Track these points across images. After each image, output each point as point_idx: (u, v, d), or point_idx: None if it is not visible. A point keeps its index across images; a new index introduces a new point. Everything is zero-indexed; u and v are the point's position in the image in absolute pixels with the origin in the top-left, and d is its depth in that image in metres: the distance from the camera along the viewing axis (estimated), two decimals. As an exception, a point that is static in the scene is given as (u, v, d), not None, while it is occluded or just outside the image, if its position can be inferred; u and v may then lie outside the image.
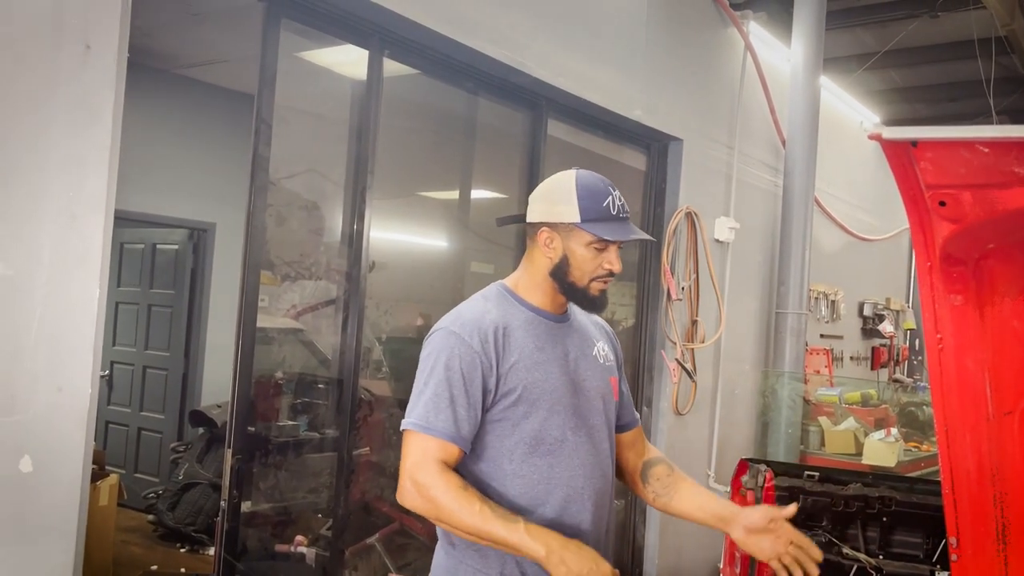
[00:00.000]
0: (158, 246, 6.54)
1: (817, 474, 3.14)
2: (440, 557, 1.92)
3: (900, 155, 0.98)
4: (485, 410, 1.82)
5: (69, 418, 2.07)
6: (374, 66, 3.10)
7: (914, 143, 0.95)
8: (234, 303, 5.18)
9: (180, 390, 6.43)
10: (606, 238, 1.85)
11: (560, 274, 1.89)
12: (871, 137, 0.95)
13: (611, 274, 1.91)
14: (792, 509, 1.85)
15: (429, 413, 1.75)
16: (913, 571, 2.90)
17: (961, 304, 1.11)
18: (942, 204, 1.04)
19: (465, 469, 1.84)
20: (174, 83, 5.91)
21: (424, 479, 1.73)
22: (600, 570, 1.73)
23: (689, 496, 2.04)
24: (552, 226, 1.88)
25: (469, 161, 3.82)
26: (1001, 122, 9.95)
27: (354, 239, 3.09)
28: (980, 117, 9.06)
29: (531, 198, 1.96)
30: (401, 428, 1.80)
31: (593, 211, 1.86)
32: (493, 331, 1.81)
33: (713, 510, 1.99)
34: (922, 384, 7.00)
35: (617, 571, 1.78)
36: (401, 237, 3.57)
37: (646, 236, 1.99)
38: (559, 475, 1.84)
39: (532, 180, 3.80)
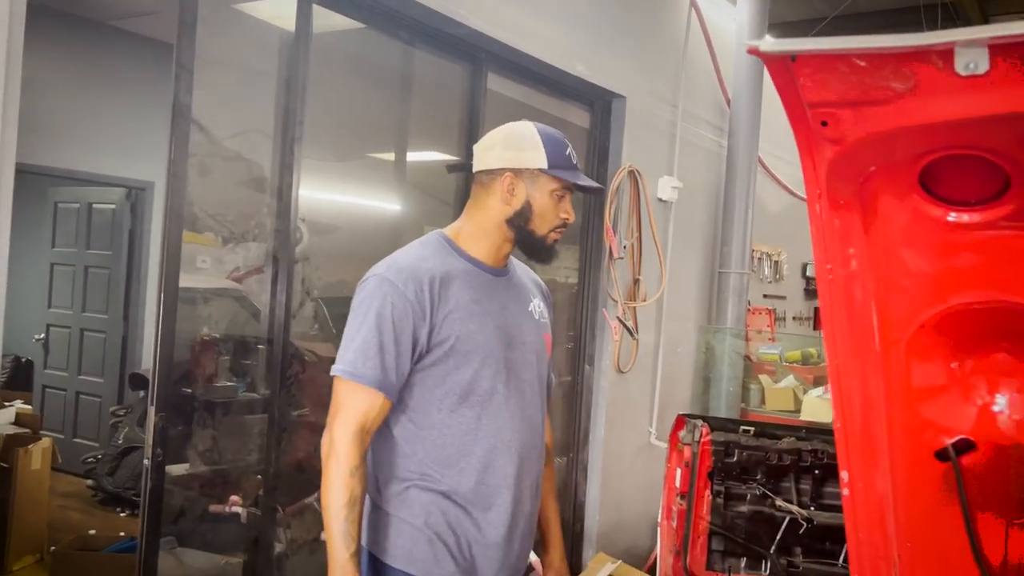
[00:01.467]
0: (94, 206, 6.36)
1: (752, 429, 3.19)
2: (367, 508, 1.90)
3: (781, 72, 0.96)
4: (416, 360, 1.80)
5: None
6: (303, 14, 3.00)
7: (793, 57, 0.92)
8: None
9: (120, 353, 6.31)
10: (579, 183, 1.87)
11: (520, 222, 1.88)
12: (750, 51, 0.92)
13: (565, 224, 1.92)
14: None
15: (358, 360, 1.74)
16: (842, 521, 2.96)
17: (848, 232, 1.10)
18: (824, 124, 1.02)
19: (394, 418, 1.84)
20: (112, 37, 5.72)
21: (335, 437, 1.75)
22: None
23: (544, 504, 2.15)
24: (516, 172, 1.87)
25: (405, 118, 3.73)
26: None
27: (283, 193, 3.01)
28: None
29: (485, 145, 1.93)
30: (331, 374, 1.78)
31: (557, 159, 1.86)
32: (429, 280, 1.79)
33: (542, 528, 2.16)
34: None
35: None
36: (335, 196, 3.49)
37: (599, 185, 2.04)
38: (486, 427, 1.84)
39: (472, 137, 3.74)
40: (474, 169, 1.95)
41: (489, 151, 1.91)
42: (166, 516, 2.81)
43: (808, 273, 6.81)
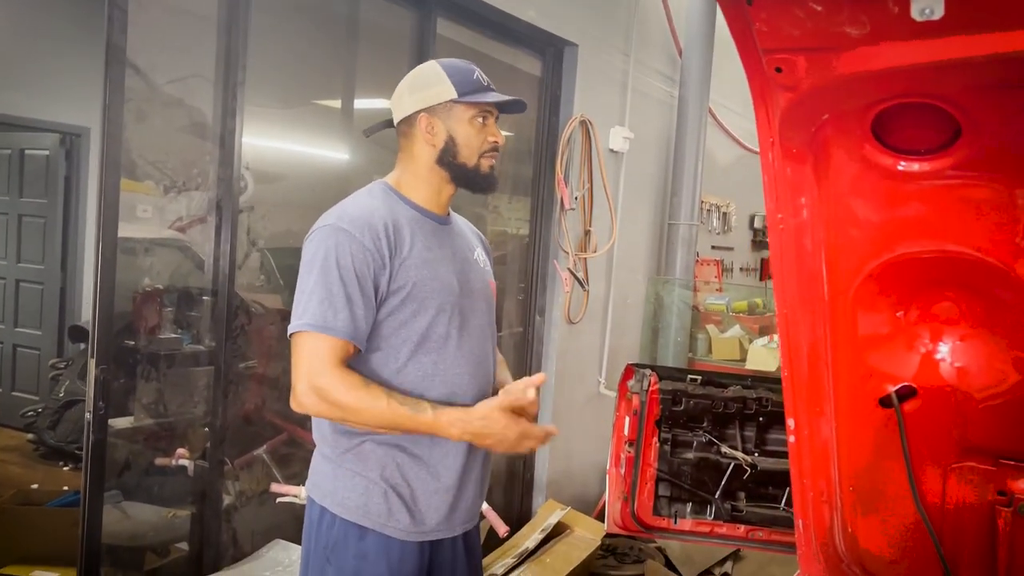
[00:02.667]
0: (26, 152, 6.10)
1: (700, 378, 3.23)
2: (318, 462, 1.90)
3: (737, 17, 0.94)
4: (376, 308, 1.77)
5: None
6: (244, -48, 2.88)
7: (749, 1, 0.90)
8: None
9: (58, 305, 6.14)
10: (487, 101, 1.84)
11: (448, 157, 1.86)
12: None
13: (496, 147, 1.90)
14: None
15: (326, 312, 1.69)
16: (785, 466, 3.04)
17: (799, 181, 1.10)
18: (778, 70, 1.01)
19: (349, 367, 1.79)
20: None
21: (324, 382, 1.68)
22: (511, 436, 1.76)
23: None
24: (430, 110, 1.84)
25: (352, 64, 3.63)
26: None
27: (226, 140, 2.91)
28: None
29: (396, 96, 1.91)
30: (291, 331, 1.72)
31: (467, 84, 1.84)
32: (383, 227, 1.76)
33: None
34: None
35: (539, 430, 1.82)
36: (280, 144, 3.39)
37: (517, 98, 1.95)
38: (442, 372, 1.83)
39: (421, 83, 3.66)
40: (394, 123, 1.93)
41: (399, 99, 1.89)
42: (111, 470, 2.76)
43: (756, 225, 6.89)
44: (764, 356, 5.02)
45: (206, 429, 3.09)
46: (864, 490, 1.21)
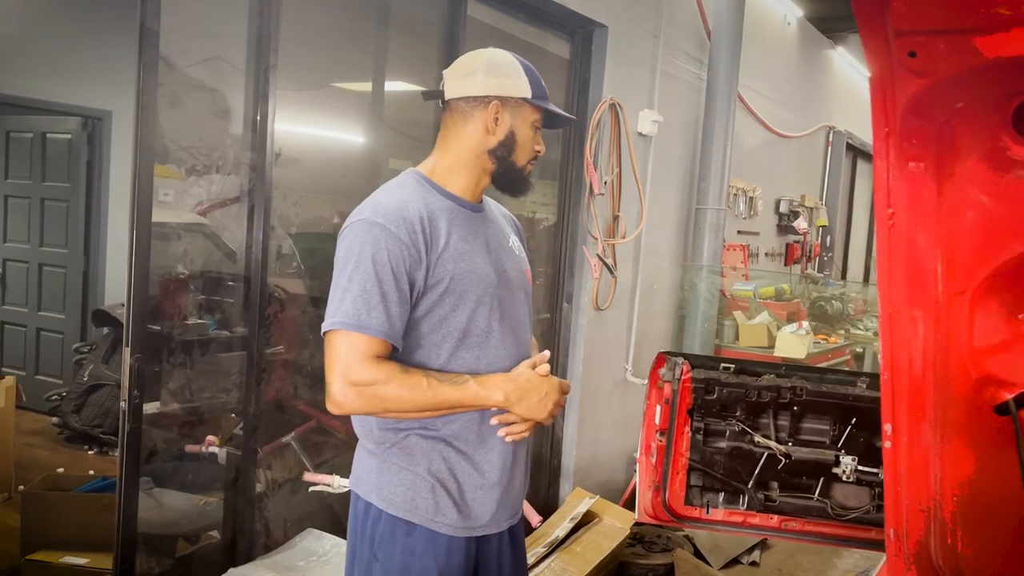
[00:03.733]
0: (48, 135, 6.08)
1: (733, 366, 3.18)
2: (362, 456, 1.86)
3: None
4: (413, 305, 1.72)
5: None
6: (276, -68, 2.82)
7: (889, -22, 0.84)
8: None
9: (81, 289, 6.13)
10: (554, 110, 1.83)
11: (504, 152, 1.82)
12: None
13: (537, 156, 1.87)
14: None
15: (360, 311, 1.64)
16: (819, 456, 3.00)
17: (919, 173, 1.03)
18: (912, 55, 0.94)
19: None
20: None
21: (362, 377, 1.64)
22: (553, 392, 1.79)
23: None
24: (503, 100, 1.79)
25: (383, 45, 3.57)
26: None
27: (258, 124, 2.87)
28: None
29: (463, 70, 1.83)
30: (325, 329, 1.68)
31: (539, 89, 1.82)
32: (419, 220, 1.71)
33: None
34: (831, 280, 7.21)
35: (567, 382, 1.87)
36: (311, 129, 3.35)
37: (573, 117, 1.97)
38: (485, 367, 1.79)
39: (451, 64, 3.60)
40: (449, 96, 1.83)
41: (470, 76, 1.80)
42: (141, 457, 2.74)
43: (781, 209, 6.80)
44: (793, 343, 4.97)
45: (233, 415, 3.07)
46: (969, 500, 1.16)
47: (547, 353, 1.87)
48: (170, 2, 2.56)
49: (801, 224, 6.94)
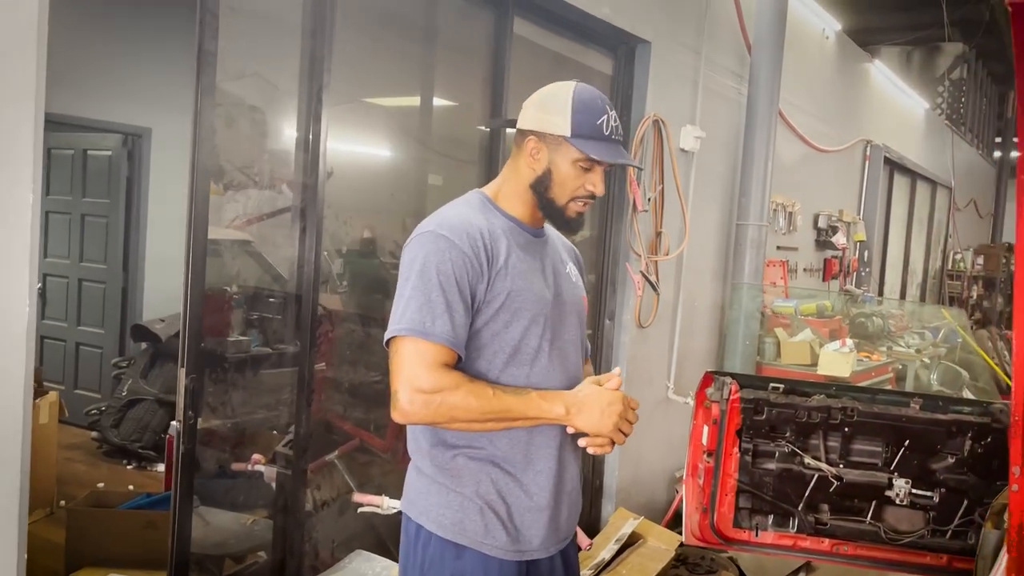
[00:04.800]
0: (89, 152, 6.14)
1: (782, 386, 3.13)
2: (413, 477, 1.86)
3: None
4: (472, 315, 1.74)
5: (5, 338, 1.88)
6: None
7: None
8: (174, 213, 4.91)
9: (120, 304, 6.18)
10: (592, 156, 1.78)
11: (540, 188, 1.83)
12: (1009, 3, 0.80)
13: (592, 196, 1.85)
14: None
15: (425, 318, 1.65)
16: (872, 479, 2.95)
17: None
18: None
19: None
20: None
21: (430, 384, 1.64)
22: (616, 404, 1.76)
23: None
24: (540, 136, 1.81)
25: (430, 64, 3.57)
26: (953, 35, 9.97)
27: (311, 143, 2.87)
28: (933, 28, 9.04)
29: (526, 104, 1.86)
30: (389, 336, 1.69)
31: (585, 127, 1.78)
32: (481, 235, 1.73)
33: None
34: (870, 295, 7.12)
35: (635, 399, 1.82)
36: (358, 147, 3.35)
37: (635, 163, 1.94)
38: (534, 386, 1.78)
39: (496, 84, 3.60)
40: (517, 126, 1.89)
41: (526, 110, 1.86)
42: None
43: (820, 224, 6.73)
44: (837, 361, 4.89)
45: (274, 432, 3.06)
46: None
47: (618, 370, 1.87)
48: (226, 24, 2.57)
49: (840, 239, 6.87)
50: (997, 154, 15.42)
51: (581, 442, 1.78)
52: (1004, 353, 7.49)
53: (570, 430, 1.78)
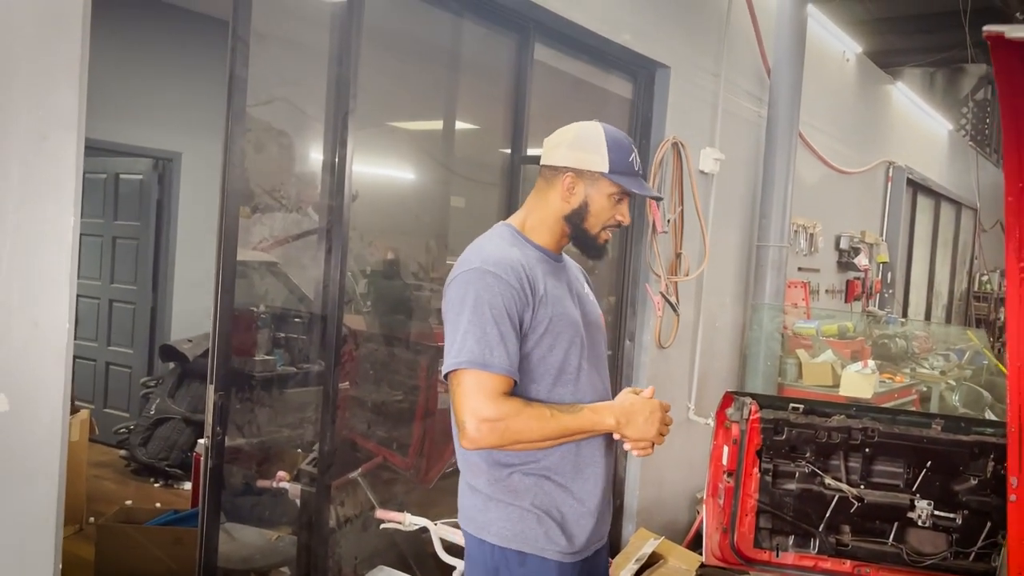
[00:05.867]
0: (121, 176, 6.30)
1: (802, 407, 3.14)
2: (468, 495, 1.97)
3: (1013, 57, 0.88)
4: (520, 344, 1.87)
5: (46, 354, 1.95)
6: (355, -16, 2.91)
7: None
8: (203, 236, 5.00)
9: (149, 324, 6.30)
10: (633, 190, 1.96)
11: (576, 220, 1.98)
12: (989, 37, 0.85)
13: (619, 225, 2.02)
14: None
15: (484, 351, 1.78)
16: (893, 500, 2.94)
17: None
18: None
19: None
20: (138, 5, 5.59)
21: (495, 413, 1.77)
22: (656, 411, 1.90)
23: None
24: (578, 172, 1.96)
25: (453, 89, 3.66)
26: (976, 56, 9.93)
27: (336, 166, 2.95)
28: (955, 49, 9.03)
29: (554, 142, 2.01)
30: (451, 368, 1.80)
31: (620, 164, 1.95)
32: (521, 269, 1.87)
33: None
34: (893, 316, 7.08)
35: (667, 402, 1.96)
36: (383, 170, 3.43)
37: (659, 195, 2.44)
38: (579, 401, 1.92)
39: (518, 108, 3.67)
40: (542, 162, 2.02)
41: (556, 148, 1.99)
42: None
43: (841, 246, 6.72)
44: (859, 382, 4.87)
45: (298, 451, 3.11)
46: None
47: (652, 388, 1.99)
48: (255, 51, 2.66)
49: (862, 260, 6.85)
50: (1023, 175, 15.23)
51: (627, 446, 1.92)
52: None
53: (616, 437, 1.91)
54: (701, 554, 3.98)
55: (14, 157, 1.87)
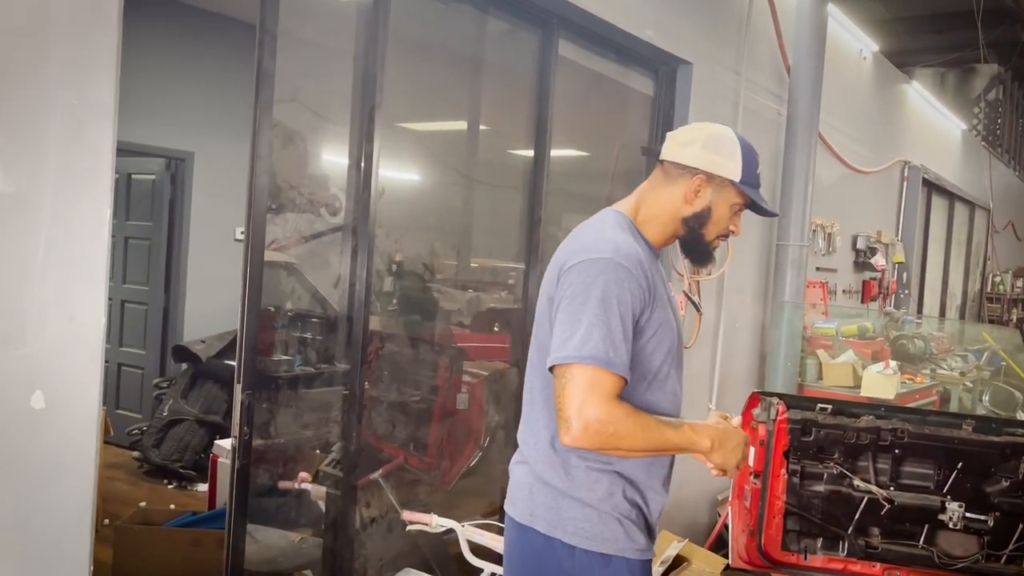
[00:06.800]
0: (133, 176, 6.26)
1: (830, 407, 3.09)
2: (539, 494, 1.86)
3: None
4: None
5: (82, 349, 1.92)
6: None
7: None
8: (216, 236, 4.96)
9: (161, 325, 6.25)
10: (761, 204, 1.90)
11: (695, 224, 1.89)
12: None
13: (728, 236, 1.95)
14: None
15: (609, 349, 1.68)
16: (924, 502, 2.89)
17: None
18: None
19: None
20: (150, 5, 5.57)
21: (606, 415, 1.67)
22: (742, 444, 1.90)
23: None
24: (709, 176, 1.85)
25: (477, 85, 3.62)
26: (988, 56, 9.91)
27: (363, 163, 2.91)
28: (968, 49, 9.00)
29: (683, 139, 1.90)
30: (568, 359, 1.68)
31: (749, 175, 1.88)
32: (644, 266, 1.78)
33: None
34: (910, 317, 7.03)
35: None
36: (407, 169, 3.39)
37: (776, 212, 2.04)
38: (664, 410, 1.86)
39: (541, 103, 3.63)
40: (664, 156, 1.91)
41: (686, 146, 1.87)
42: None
43: (859, 246, 6.68)
44: (881, 383, 4.82)
45: (320, 452, 3.07)
46: None
47: (740, 417, 1.99)
48: (281, 47, 2.62)
49: (879, 260, 6.80)
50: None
51: (714, 472, 1.91)
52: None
53: (700, 458, 1.86)
54: (724, 556, 3.94)
55: (51, 147, 1.83)
